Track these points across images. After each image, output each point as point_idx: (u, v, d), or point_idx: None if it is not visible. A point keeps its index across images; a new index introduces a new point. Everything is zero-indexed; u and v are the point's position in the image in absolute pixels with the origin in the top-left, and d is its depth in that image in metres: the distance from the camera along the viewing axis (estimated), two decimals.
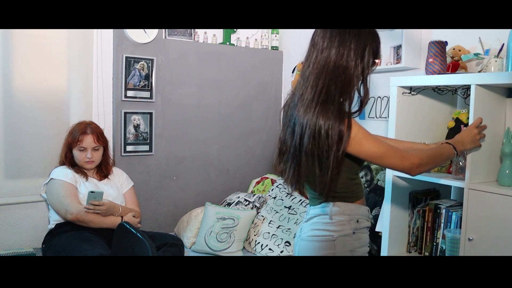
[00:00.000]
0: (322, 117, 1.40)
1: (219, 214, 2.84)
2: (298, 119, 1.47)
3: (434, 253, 2.09)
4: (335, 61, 1.43)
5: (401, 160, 1.47)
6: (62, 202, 2.41)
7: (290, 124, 1.52)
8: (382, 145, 1.47)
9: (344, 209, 1.53)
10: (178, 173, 3.17)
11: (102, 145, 2.61)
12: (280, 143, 1.58)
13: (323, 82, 1.43)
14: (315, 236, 1.54)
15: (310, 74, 1.46)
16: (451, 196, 2.29)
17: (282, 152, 1.57)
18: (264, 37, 3.48)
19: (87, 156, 2.54)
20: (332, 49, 1.44)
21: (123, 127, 2.91)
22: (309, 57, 1.49)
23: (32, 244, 2.67)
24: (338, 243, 1.51)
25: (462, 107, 2.22)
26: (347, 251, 1.52)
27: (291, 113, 1.53)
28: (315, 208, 1.58)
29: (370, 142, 1.45)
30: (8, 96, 2.60)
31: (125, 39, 2.89)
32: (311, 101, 1.44)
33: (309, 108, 1.43)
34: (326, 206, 1.54)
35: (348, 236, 1.52)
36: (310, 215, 1.60)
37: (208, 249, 2.75)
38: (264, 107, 3.50)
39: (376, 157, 1.46)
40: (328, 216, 1.53)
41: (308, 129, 1.42)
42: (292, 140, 1.49)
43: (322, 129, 1.39)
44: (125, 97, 2.91)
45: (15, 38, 2.60)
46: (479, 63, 2.18)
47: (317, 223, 1.55)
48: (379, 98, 2.82)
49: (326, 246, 1.52)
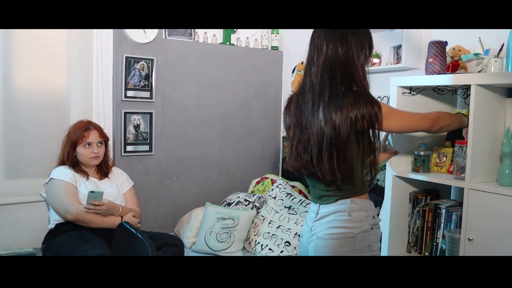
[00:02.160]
0: (357, 106, 1.49)
1: (219, 214, 2.84)
2: (323, 115, 1.50)
3: (434, 253, 2.09)
4: (343, 57, 1.53)
5: (423, 120, 1.72)
6: (62, 202, 2.41)
7: (308, 121, 1.54)
8: (405, 114, 1.69)
9: (361, 205, 1.57)
10: (178, 173, 3.18)
11: (105, 140, 2.65)
12: (297, 141, 1.59)
13: (337, 77, 1.52)
14: (334, 234, 1.56)
15: (321, 73, 1.52)
16: (451, 196, 2.29)
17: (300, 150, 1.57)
18: (264, 37, 3.48)
19: (94, 151, 2.55)
20: (338, 47, 1.52)
21: (123, 127, 2.92)
22: (314, 58, 1.55)
23: (32, 244, 2.67)
24: (358, 239, 1.55)
25: (462, 107, 2.22)
26: (366, 247, 1.57)
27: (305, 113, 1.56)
28: (328, 206, 1.59)
29: (395, 115, 1.63)
30: (8, 96, 2.60)
31: (125, 39, 2.89)
32: (332, 96, 1.50)
33: (336, 102, 1.49)
34: (343, 203, 1.57)
35: (367, 232, 1.57)
36: (323, 213, 1.60)
37: (208, 249, 2.75)
38: (264, 107, 3.50)
39: (402, 126, 1.66)
40: (346, 213, 1.56)
41: (346, 121, 1.48)
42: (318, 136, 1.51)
43: (360, 116, 1.48)
44: (125, 97, 2.91)
45: (15, 38, 2.60)
46: (479, 63, 2.18)
47: (335, 221, 1.57)
48: (379, 98, 2.82)
49: (346, 243, 1.54)
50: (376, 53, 2.77)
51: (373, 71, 2.77)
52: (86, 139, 2.54)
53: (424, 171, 2.10)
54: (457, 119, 1.92)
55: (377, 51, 2.78)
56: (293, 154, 1.61)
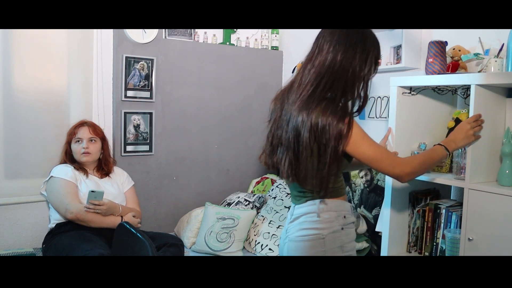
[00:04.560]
0: (323, 114, 1.43)
1: (219, 214, 2.84)
2: (295, 114, 1.48)
3: (434, 253, 2.09)
4: (341, 63, 1.47)
5: (392, 166, 1.52)
6: (62, 201, 2.41)
7: (284, 118, 1.53)
8: (378, 149, 1.51)
9: (331, 206, 1.54)
10: (178, 173, 3.17)
11: (98, 136, 2.62)
12: (272, 136, 1.58)
13: (326, 81, 1.47)
14: (304, 235, 1.54)
15: (313, 74, 1.49)
16: (451, 196, 2.29)
17: (273, 145, 1.57)
18: (264, 37, 3.48)
19: (83, 147, 2.55)
20: (339, 53, 1.47)
21: (123, 127, 2.92)
22: (313, 57, 1.52)
23: (32, 244, 2.67)
24: (328, 240, 1.52)
25: (462, 107, 2.22)
26: (337, 248, 1.53)
27: (285, 108, 1.53)
28: (300, 207, 1.58)
29: (367, 144, 1.48)
30: (8, 96, 2.60)
31: (125, 39, 2.89)
32: (310, 98, 1.46)
33: (309, 104, 1.45)
34: (312, 204, 1.55)
35: (338, 232, 1.54)
36: (295, 215, 1.59)
37: (208, 249, 2.75)
38: (264, 107, 3.48)
39: (369, 160, 1.49)
40: (315, 214, 1.53)
41: (308, 125, 1.43)
42: (287, 134, 1.50)
43: (320, 124, 1.42)
44: (125, 97, 2.91)
45: (15, 38, 2.60)
46: (479, 63, 2.18)
47: (305, 222, 1.55)
48: (379, 98, 2.82)
49: (316, 245, 1.52)
50: None
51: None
52: (76, 135, 2.57)
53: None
54: (437, 158, 1.67)
55: None
56: (267, 149, 1.60)
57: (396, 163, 1.53)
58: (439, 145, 1.68)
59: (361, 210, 2.68)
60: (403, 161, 1.57)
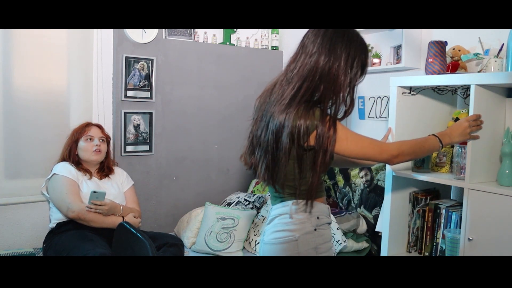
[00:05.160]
0: (303, 117, 1.39)
1: (219, 214, 2.84)
2: (275, 117, 1.44)
3: (434, 253, 2.09)
4: (324, 67, 1.42)
5: (379, 153, 1.51)
6: (64, 199, 2.41)
7: (264, 119, 1.49)
8: (361, 140, 1.49)
9: (304, 207, 1.49)
10: (178, 173, 3.18)
11: (106, 138, 2.66)
12: (252, 136, 1.54)
13: (308, 84, 1.42)
14: (277, 238, 1.50)
15: (295, 76, 1.45)
16: (451, 196, 2.29)
17: (253, 145, 1.54)
18: (264, 37, 3.48)
19: (96, 144, 2.56)
20: (321, 55, 1.43)
21: (123, 127, 2.92)
22: (296, 59, 1.47)
23: (32, 244, 2.67)
24: (301, 242, 1.47)
25: (462, 107, 2.23)
26: (311, 249, 1.47)
27: (266, 108, 1.49)
28: (275, 209, 1.55)
29: (351, 140, 1.46)
30: (8, 96, 2.60)
31: (125, 39, 2.89)
32: (291, 100, 1.42)
33: (289, 107, 1.41)
34: (285, 205, 1.51)
35: (310, 234, 1.48)
36: (271, 217, 1.56)
37: (208, 249, 2.75)
38: None
39: (356, 153, 1.48)
40: (288, 216, 1.49)
41: (287, 128, 1.40)
42: (265, 136, 1.46)
43: (301, 128, 1.38)
44: (125, 97, 2.91)
45: (15, 38, 2.60)
46: (479, 63, 2.19)
47: (278, 224, 1.51)
48: (379, 98, 2.82)
49: (289, 247, 1.47)
50: (376, 53, 2.77)
51: (373, 71, 2.77)
52: (88, 133, 2.57)
53: (424, 171, 2.10)
54: (428, 147, 1.67)
55: (377, 51, 2.79)
56: (248, 148, 1.56)
57: (383, 149, 1.52)
58: (433, 136, 1.68)
59: (361, 210, 2.68)
60: (391, 145, 1.57)
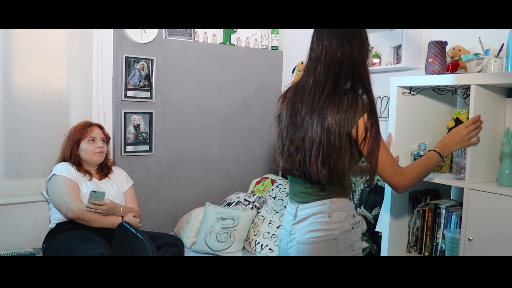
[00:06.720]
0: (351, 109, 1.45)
1: (219, 214, 2.84)
2: (322, 114, 1.46)
3: (434, 253, 2.09)
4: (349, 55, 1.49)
5: (392, 175, 1.54)
6: (64, 199, 2.41)
7: (305, 121, 1.50)
8: (387, 154, 1.53)
9: (340, 205, 1.54)
10: (178, 173, 3.18)
11: (107, 138, 2.66)
12: (289, 140, 1.54)
13: (344, 75, 1.49)
14: (315, 237, 1.52)
15: (327, 71, 1.49)
16: (451, 196, 2.29)
17: (292, 150, 1.52)
18: (264, 37, 3.48)
19: (98, 146, 2.56)
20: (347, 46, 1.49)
21: (123, 127, 2.92)
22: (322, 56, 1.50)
23: (32, 244, 2.67)
24: (340, 240, 1.51)
25: (462, 107, 2.22)
26: (348, 247, 1.53)
27: (302, 111, 1.51)
28: (306, 208, 1.55)
29: (383, 146, 1.52)
30: (8, 96, 2.60)
31: (125, 39, 2.89)
32: (334, 94, 1.47)
33: (333, 101, 1.46)
34: (322, 204, 1.53)
35: (348, 232, 1.53)
36: (301, 216, 1.56)
37: (208, 249, 2.75)
38: (264, 107, 3.50)
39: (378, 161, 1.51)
40: (326, 215, 1.52)
41: (337, 122, 1.44)
42: (316, 135, 1.47)
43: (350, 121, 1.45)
44: (125, 97, 2.91)
45: (15, 38, 2.60)
46: (479, 63, 2.18)
47: (315, 223, 1.52)
48: (379, 98, 2.82)
49: (328, 246, 1.51)
50: (376, 53, 2.77)
51: (373, 71, 2.76)
52: (90, 134, 2.56)
53: None
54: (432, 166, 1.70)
55: (377, 51, 2.78)
56: (284, 154, 1.56)
57: (397, 173, 1.55)
58: (434, 152, 1.70)
59: (361, 210, 2.68)
60: (403, 172, 1.57)
